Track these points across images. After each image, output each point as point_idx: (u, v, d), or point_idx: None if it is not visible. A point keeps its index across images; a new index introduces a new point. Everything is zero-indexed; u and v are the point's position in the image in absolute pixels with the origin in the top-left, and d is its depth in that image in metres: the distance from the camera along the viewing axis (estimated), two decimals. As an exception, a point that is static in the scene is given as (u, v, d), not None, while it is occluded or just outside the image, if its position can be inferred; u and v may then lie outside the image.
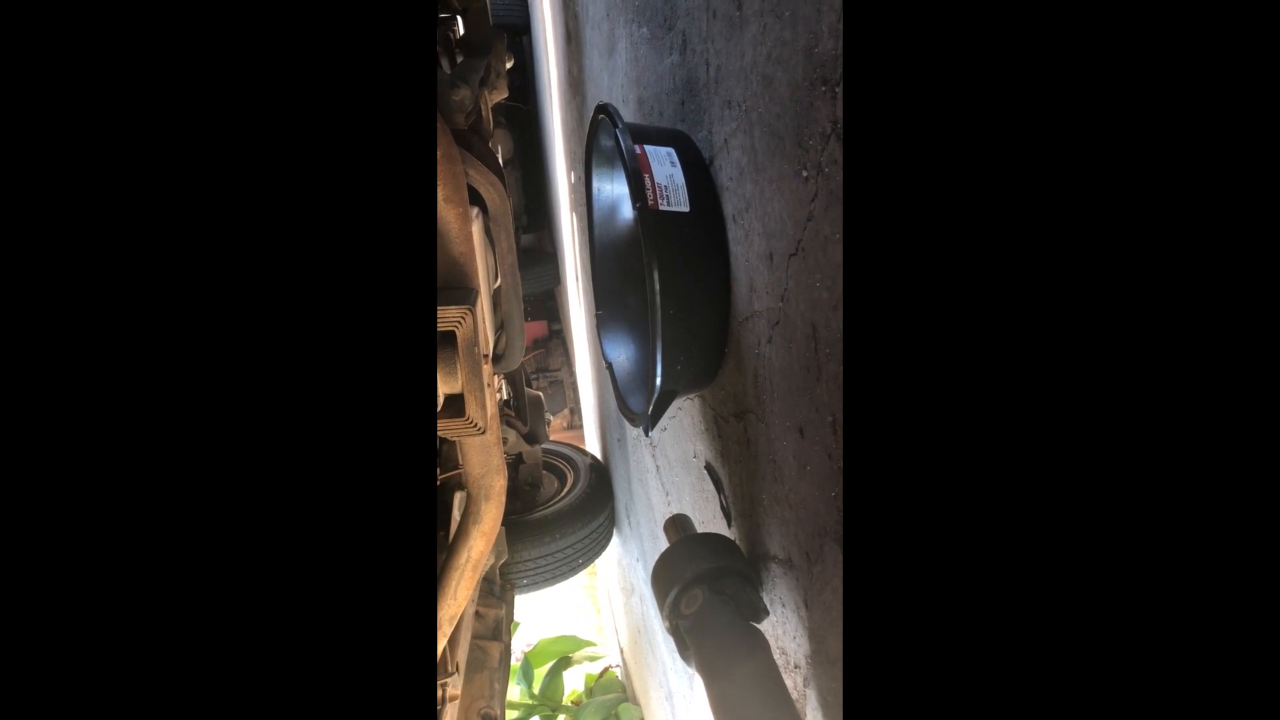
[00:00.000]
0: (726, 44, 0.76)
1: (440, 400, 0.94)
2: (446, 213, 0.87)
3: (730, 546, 0.95)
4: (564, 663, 3.47)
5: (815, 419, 0.69)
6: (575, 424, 4.71)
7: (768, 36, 0.66)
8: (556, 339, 5.00)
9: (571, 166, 2.57)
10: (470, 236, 0.96)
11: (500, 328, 1.65)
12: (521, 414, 2.33)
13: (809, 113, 0.60)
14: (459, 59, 1.58)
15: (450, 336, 0.90)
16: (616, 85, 1.40)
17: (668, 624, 0.91)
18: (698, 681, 1.55)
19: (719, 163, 0.85)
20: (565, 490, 2.52)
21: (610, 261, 1.18)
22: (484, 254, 1.42)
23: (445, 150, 0.84)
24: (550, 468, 2.65)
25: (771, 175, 0.70)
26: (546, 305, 5.04)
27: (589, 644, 3.69)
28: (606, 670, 3.61)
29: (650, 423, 0.97)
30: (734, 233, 0.83)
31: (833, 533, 0.69)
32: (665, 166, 0.86)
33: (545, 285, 4.45)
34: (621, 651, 3.55)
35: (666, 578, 0.92)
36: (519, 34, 3.63)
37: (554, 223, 3.90)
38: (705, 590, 0.88)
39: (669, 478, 1.45)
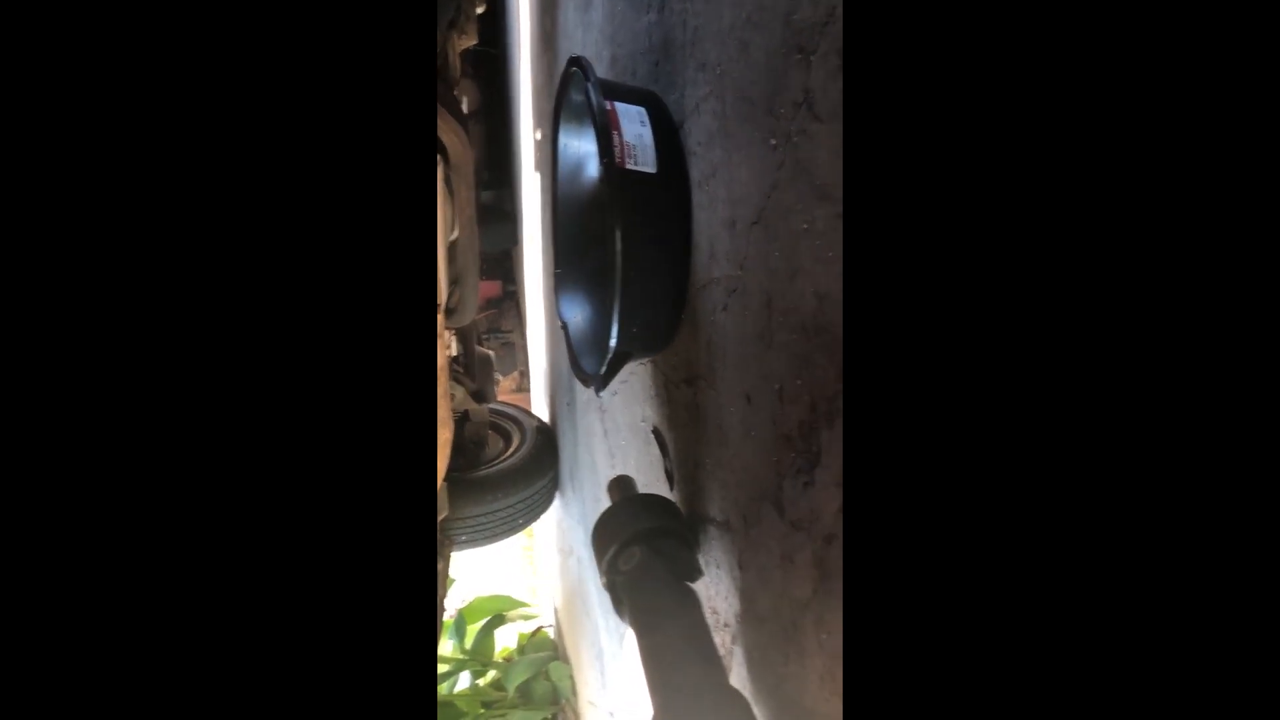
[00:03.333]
0: (706, 5, 0.76)
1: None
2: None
3: (671, 508, 0.97)
4: (497, 621, 3.49)
5: (763, 386, 0.71)
6: (524, 387, 4.68)
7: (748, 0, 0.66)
8: (510, 300, 4.93)
9: (538, 124, 2.51)
10: (430, 180, 0.93)
11: (454, 281, 1.62)
12: (470, 371, 2.30)
13: (783, 80, 0.60)
14: (428, -3, 1.52)
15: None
16: (591, 41, 1.37)
17: (604, 580, 0.93)
18: (627, 641, 1.58)
19: (689, 126, 0.84)
20: (510, 450, 2.51)
21: (572, 220, 1.17)
22: (442, 203, 1.38)
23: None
24: (496, 427, 2.64)
25: (740, 141, 0.70)
26: (503, 265, 4.96)
27: (523, 604, 3.71)
28: (539, 630, 3.65)
29: (602, 384, 0.98)
30: (699, 198, 0.84)
31: (771, 497, 0.72)
32: (635, 125, 0.85)
33: (502, 245, 4.36)
34: (555, 612, 3.60)
35: (606, 535, 0.94)
36: (492, -21, 3.50)
37: (515, 182, 3.82)
38: (643, 549, 0.89)
39: (615, 441, 1.46)
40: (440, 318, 1.01)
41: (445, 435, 1.11)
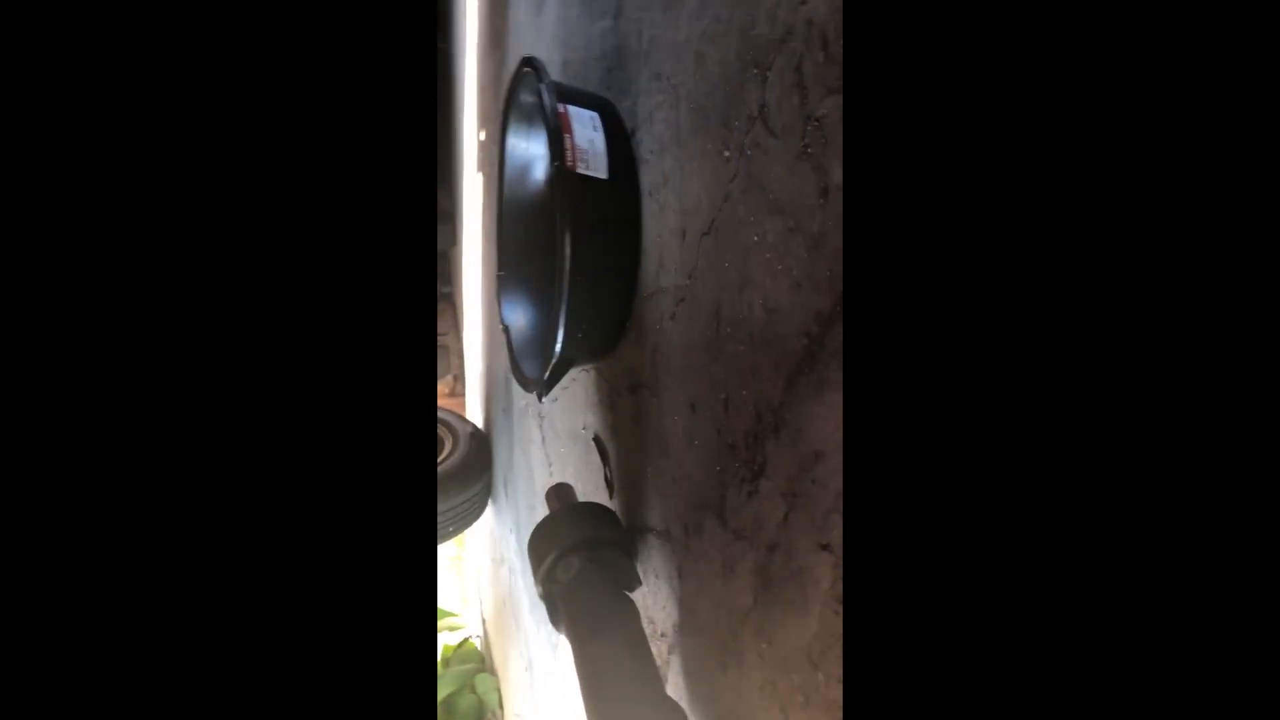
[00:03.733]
0: (663, 15, 0.76)
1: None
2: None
3: (610, 516, 0.96)
4: (422, 632, 3.38)
5: (709, 396, 0.71)
6: (459, 391, 4.58)
7: (705, 13, 0.66)
8: (446, 302, 4.82)
9: (482, 124, 2.47)
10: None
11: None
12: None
13: (738, 94, 0.61)
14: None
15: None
16: (542, 44, 1.36)
17: (541, 590, 0.91)
18: (559, 651, 1.56)
19: (641, 135, 0.84)
20: (442, 456, 2.45)
21: (518, 222, 1.15)
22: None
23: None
24: (428, 432, 2.57)
25: (693, 152, 0.71)
26: (439, 266, 4.84)
27: (450, 615, 3.62)
28: (466, 641, 3.56)
29: (545, 389, 0.96)
30: (649, 207, 0.84)
31: (713, 506, 0.72)
32: (587, 130, 0.85)
33: (440, 246, 4.27)
34: (484, 622, 3.52)
35: (544, 544, 0.92)
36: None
37: (455, 181, 3.74)
38: (582, 558, 0.88)
39: (554, 448, 1.44)
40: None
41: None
